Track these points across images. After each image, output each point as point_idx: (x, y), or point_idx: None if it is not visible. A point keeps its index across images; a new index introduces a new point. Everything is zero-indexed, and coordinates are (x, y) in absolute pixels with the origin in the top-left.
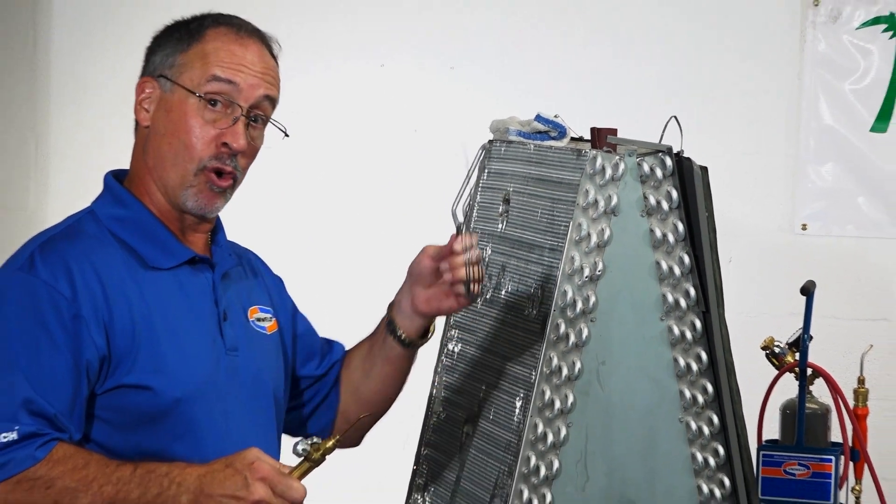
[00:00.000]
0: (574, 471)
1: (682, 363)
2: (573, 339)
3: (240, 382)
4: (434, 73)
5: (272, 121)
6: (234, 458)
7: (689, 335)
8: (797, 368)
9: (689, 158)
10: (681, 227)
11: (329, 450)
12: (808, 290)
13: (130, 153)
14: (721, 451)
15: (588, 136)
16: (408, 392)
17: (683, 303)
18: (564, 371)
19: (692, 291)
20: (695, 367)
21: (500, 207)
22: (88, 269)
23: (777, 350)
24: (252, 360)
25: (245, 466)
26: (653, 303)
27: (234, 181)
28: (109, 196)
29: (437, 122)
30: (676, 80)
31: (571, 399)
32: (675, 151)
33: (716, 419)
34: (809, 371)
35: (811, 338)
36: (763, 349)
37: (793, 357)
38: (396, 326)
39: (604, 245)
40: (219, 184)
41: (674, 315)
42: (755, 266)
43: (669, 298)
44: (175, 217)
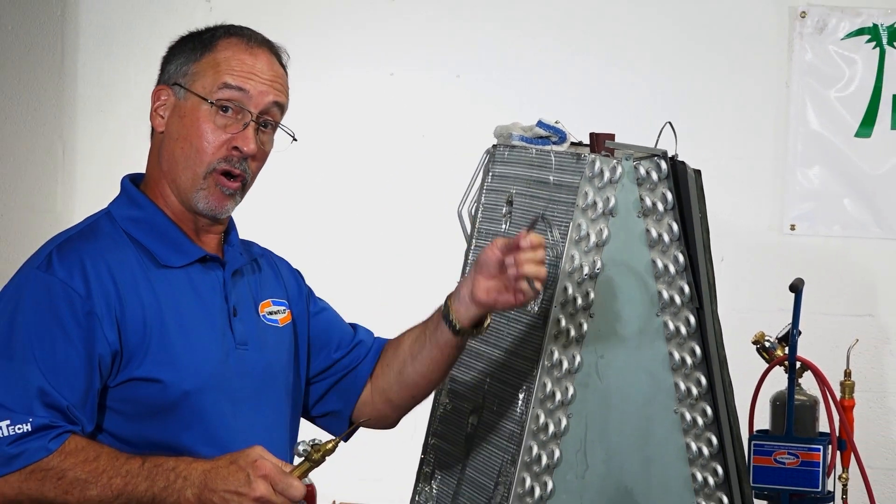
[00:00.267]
0: (574, 459)
1: (677, 357)
2: (573, 334)
3: (249, 376)
4: (441, 82)
5: (281, 126)
6: (238, 456)
7: (684, 330)
8: (787, 362)
9: (684, 162)
10: (675, 228)
11: (329, 451)
12: (797, 288)
13: None
14: (714, 441)
15: (587, 141)
16: None
17: (678, 299)
18: (565, 364)
19: (686, 289)
20: (689, 361)
21: (504, 209)
22: (103, 268)
23: (767, 344)
24: (262, 354)
25: (248, 464)
26: (649, 299)
27: (244, 184)
28: (125, 198)
29: (444, 128)
30: (671, 88)
31: (571, 391)
32: (670, 155)
33: (709, 410)
34: (798, 364)
35: (800, 333)
36: (754, 343)
37: (782, 351)
38: (451, 312)
39: (602, 244)
40: (228, 185)
41: (669, 311)
42: (746, 264)
43: (665, 295)
44: (189, 218)
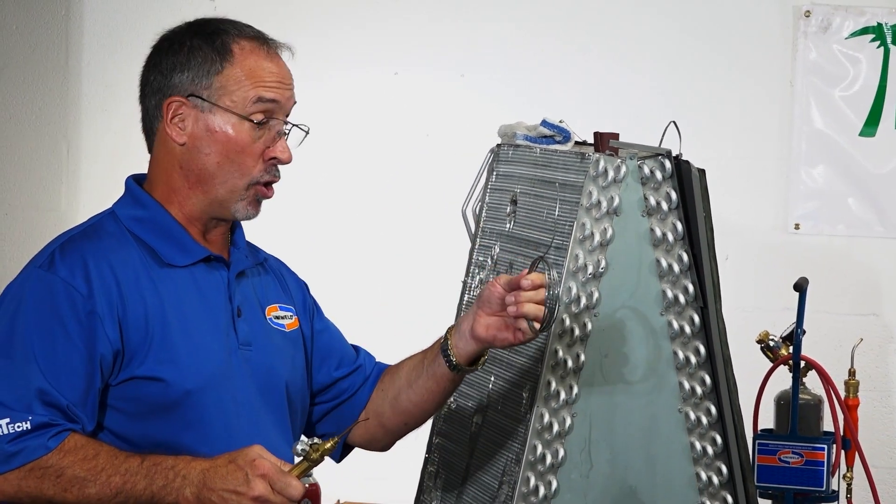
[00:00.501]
0: (578, 458)
1: (682, 356)
2: (577, 333)
3: (252, 376)
4: (445, 81)
5: (297, 124)
6: (237, 455)
7: (688, 329)
8: (791, 361)
9: (688, 161)
10: (680, 227)
11: (327, 451)
12: (801, 287)
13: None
14: (719, 440)
15: (591, 141)
16: None
17: (682, 298)
18: (569, 363)
19: (691, 288)
20: (693, 360)
21: (508, 208)
22: (105, 267)
23: (772, 343)
24: (266, 356)
25: (247, 463)
26: (653, 298)
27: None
28: (129, 198)
29: (448, 128)
30: (675, 88)
31: (576, 390)
32: (675, 155)
33: (713, 409)
34: (802, 363)
35: (804, 332)
36: (758, 343)
37: (787, 350)
38: (450, 347)
39: (606, 244)
40: (268, 194)
41: (673, 310)
42: (750, 264)
43: (669, 294)
44: (199, 222)
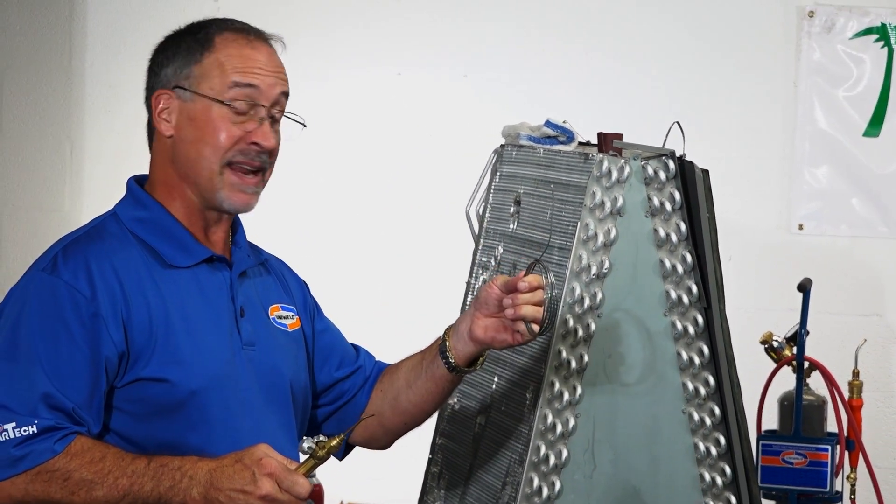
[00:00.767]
0: (582, 459)
1: (685, 357)
2: (581, 334)
3: (256, 376)
4: (448, 82)
5: (287, 114)
6: (244, 454)
7: (692, 330)
8: (794, 362)
9: (691, 162)
10: (683, 227)
11: (333, 448)
12: (805, 287)
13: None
14: (722, 441)
15: (595, 141)
16: None
17: (686, 299)
18: (573, 364)
19: (694, 288)
20: (697, 361)
21: (512, 208)
22: (108, 269)
23: (775, 344)
24: (269, 355)
25: (253, 462)
26: (657, 299)
27: (263, 176)
28: (131, 199)
29: (451, 128)
30: (679, 88)
31: (580, 391)
32: (678, 155)
33: (717, 410)
34: (806, 364)
35: (808, 332)
36: (762, 343)
37: (790, 351)
38: (448, 348)
39: (610, 244)
40: (247, 182)
41: (677, 311)
42: (754, 264)
43: (672, 295)
44: (199, 218)
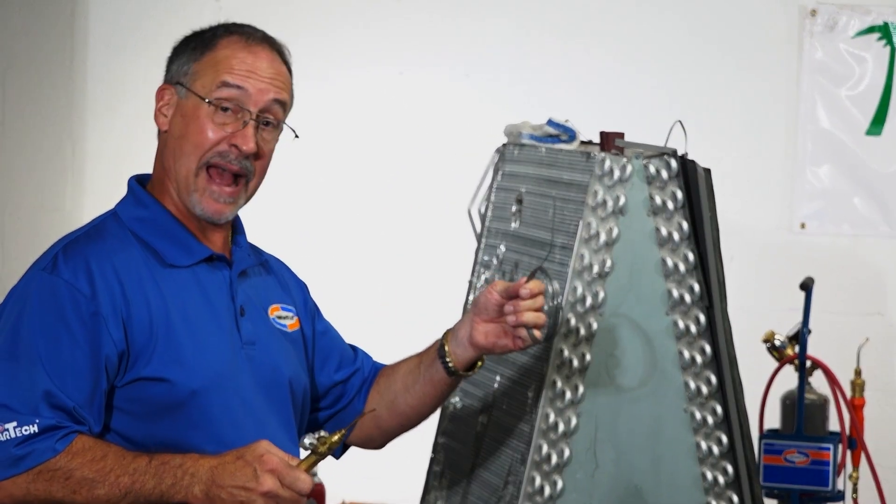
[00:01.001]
0: (584, 458)
1: (687, 355)
2: (583, 333)
3: (256, 375)
4: (449, 81)
5: (267, 118)
6: (245, 451)
7: (694, 329)
8: (797, 361)
9: (693, 161)
10: (685, 226)
11: (335, 444)
12: (807, 286)
13: None
14: (724, 440)
15: (597, 140)
16: None
17: (688, 298)
18: (575, 363)
19: (696, 287)
20: (699, 360)
21: (514, 207)
22: (108, 269)
23: (777, 343)
24: (269, 355)
25: (255, 458)
26: (659, 298)
27: (247, 182)
28: (132, 198)
29: (453, 127)
30: (681, 87)
31: (581, 390)
32: (680, 154)
33: (719, 409)
34: (808, 363)
35: (810, 331)
36: (764, 342)
37: (792, 350)
38: (447, 353)
39: (612, 243)
40: (223, 192)
41: (679, 310)
42: (756, 263)
43: (675, 294)
44: (193, 217)
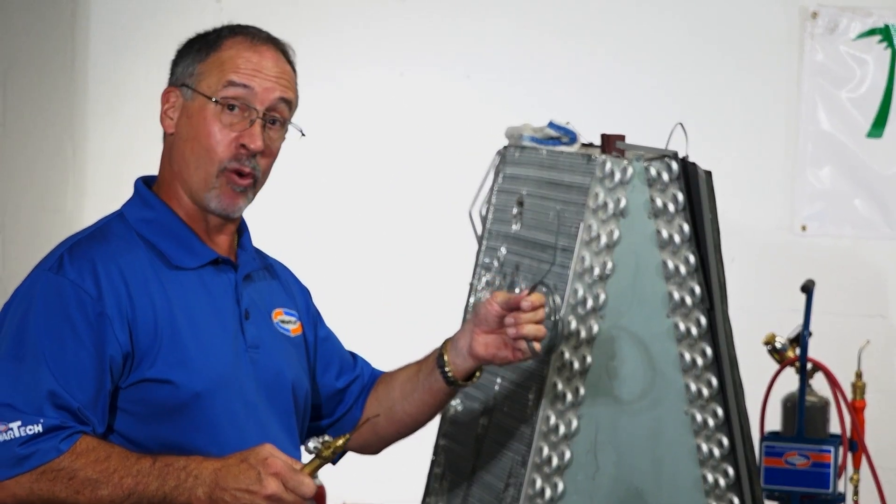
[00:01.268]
0: (584, 460)
1: (688, 358)
2: (583, 335)
3: (260, 378)
4: (450, 82)
5: (291, 124)
6: (249, 454)
7: (695, 331)
8: (797, 363)
9: (694, 163)
10: (686, 228)
11: (339, 448)
12: (808, 288)
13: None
14: (725, 442)
15: (598, 142)
16: None
17: (689, 300)
18: (575, 365)
19: (697, 289)
20: (700, 362)
21: (515, 209)
22: (114, 270)
23: (778, 345)
24: (273, 359)
25: (259, 462)
26: (659, 300)
27: (255, 181)
28: (138, 200)
29: (453, 128)
30: (682, 89)
31: (582, 392)
32: (681, 156)
33: (720, 411)
34: (809, 365)
35: (811, 334)
36: (765, 344)
37: (793, 352)
38: (446, 363)
39: (613, 245)
40: (239, 183)
41: (680, 312)
42: (757, 265)
43: (675, 296)
44: (201, 219)
